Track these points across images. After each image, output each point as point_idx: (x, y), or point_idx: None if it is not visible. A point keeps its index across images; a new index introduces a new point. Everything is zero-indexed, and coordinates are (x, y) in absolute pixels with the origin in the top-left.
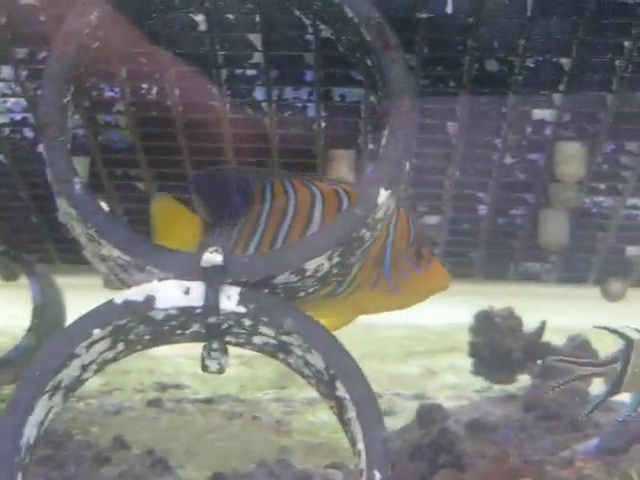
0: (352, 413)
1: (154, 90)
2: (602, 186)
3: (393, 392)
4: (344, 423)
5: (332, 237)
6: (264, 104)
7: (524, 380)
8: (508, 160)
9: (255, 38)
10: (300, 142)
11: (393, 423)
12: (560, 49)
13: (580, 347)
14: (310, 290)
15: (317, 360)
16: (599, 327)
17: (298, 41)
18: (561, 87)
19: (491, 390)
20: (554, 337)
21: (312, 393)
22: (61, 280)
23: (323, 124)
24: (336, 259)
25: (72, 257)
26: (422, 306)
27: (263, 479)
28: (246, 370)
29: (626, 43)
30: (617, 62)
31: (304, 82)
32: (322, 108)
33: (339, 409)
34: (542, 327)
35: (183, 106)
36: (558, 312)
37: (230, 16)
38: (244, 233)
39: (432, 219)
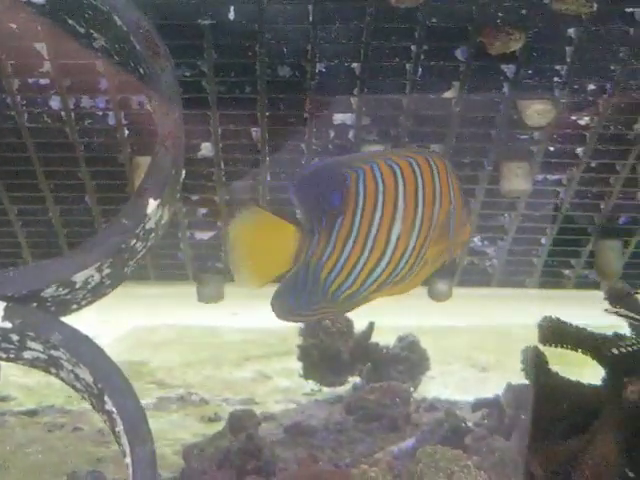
0: (120, 427)
1: None
2: None
3: (222, 398)
4: (116, 436)
5: (100, 249)
6: (62, 113)
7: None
8: None
9: (41, 47)
10: (105, 150)
11: (214, 429)
12: (348, 54)
13: (409, 347)
14: (83, 303)
15: (86, 374)
16: None
17: (88, 49)
18: (356, 91)
19: (320, 393)
20: (384, 338)
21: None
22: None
23: (126, 132)
24: (107, 270)
25: None
26: (262, 310)
27: None
28: None
29: (413, 47)
30: (407, 66)
31: (99, 90)
32: (122, 116)
33: (110, 422)
34: (370, 328)
35: None
36: (387, 313)
37: (13, 25)
38: (342, 233)
39: None
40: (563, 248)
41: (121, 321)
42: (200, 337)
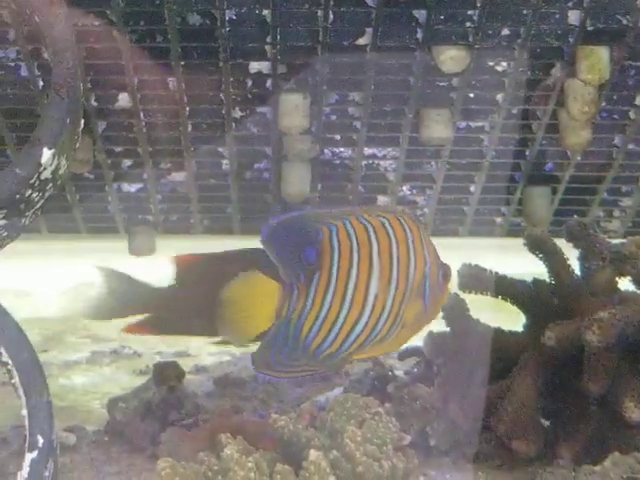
0: (16, 378)
1: None
2: (337, 137)
3: (156, 351)
4: (14, 388)
5: None
6: None
7: None
8: (238, 114)
9: None
10: (21, 102)
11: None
12: (257, 1)
13: None
14: None
15: None
16: None
17: None
18: (269, 39)
19: (256, 345)
20: None
21: (74, 356)
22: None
23: (41, 83)
24: (2, 222)
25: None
26: None
27: None
28: None
29: None
30: (318, 12)
31: (8, 41)
32: (36, 67)
33: (8, 374)
34: None
35: None
36: None
37: None
38: (320, 287)
39: (178, 176)
40: (492, 196)
41: (65, 276)
42: None
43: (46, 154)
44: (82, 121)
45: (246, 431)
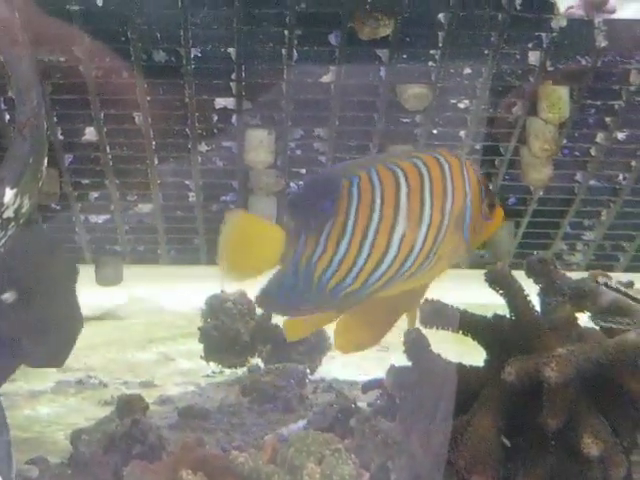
0: None
1: None
2: (303, 171)
3: (122, 381)
4: None
5: None
6: None
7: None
8: (204, 148)
9: None
10: None
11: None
12: (222, 39)
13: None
14: None
15: None
16: None
17: None
18: (234, 76)
19: (221, 375)
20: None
21: (40, 386)
22: None
23: (7, 117)
24: None
25: None
26: (169, 292)
27: None
28: None
29: (285, 32)
30: (282, 51)
31: None
32: (2, 101)
33: None
34: None
35: None
36: None
37: None
38: (333, 235)
39: (145, 207)
40: None
41: None
42: (107, 320)
43: (8, 194)
44: (46, 159)
45: (209, 465)
